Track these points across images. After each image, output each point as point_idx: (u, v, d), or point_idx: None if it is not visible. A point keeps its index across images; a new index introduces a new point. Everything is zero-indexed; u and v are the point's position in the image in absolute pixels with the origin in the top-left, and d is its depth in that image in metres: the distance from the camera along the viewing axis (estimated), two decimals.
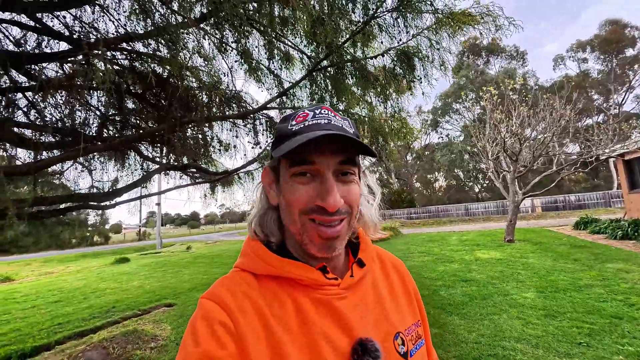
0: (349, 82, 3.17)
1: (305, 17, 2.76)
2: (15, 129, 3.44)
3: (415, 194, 39.08)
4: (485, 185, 36.02)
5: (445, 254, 8.97)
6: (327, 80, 3.22)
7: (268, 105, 3.79)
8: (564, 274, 5.64)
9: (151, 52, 3.48)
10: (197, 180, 4.63)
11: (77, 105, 3.96)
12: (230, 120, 4.15)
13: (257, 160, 4.64)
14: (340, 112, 3.87)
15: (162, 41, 3.16)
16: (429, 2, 3.06)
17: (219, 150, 4.62)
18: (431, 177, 40.23)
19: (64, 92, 3.65)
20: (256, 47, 3.10)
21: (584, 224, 11.86)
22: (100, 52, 2.72)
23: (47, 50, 3.28)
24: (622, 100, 26.40)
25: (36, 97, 3.45)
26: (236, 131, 4.37)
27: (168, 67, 3.37)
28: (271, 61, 2.94)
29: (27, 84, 3.37)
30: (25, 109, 3.65)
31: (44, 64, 3.36)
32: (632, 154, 10.59)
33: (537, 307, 4.11)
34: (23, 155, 4.12)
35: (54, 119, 3.99)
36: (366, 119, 3.37)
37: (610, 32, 25.11)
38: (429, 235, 15.06)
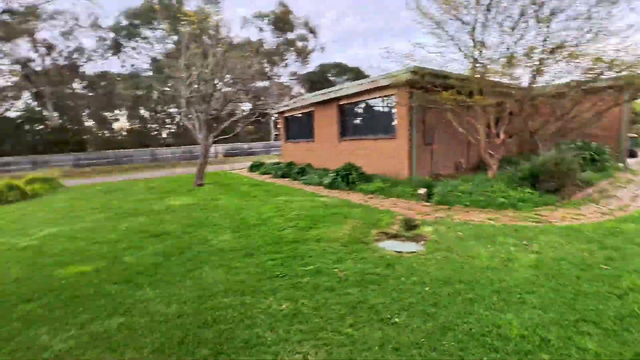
0: None
1: None
2: None
3: (87, 134, 31.82)
4: (172, 131, 35.96)
5: (129, 206, 7.56)
6: None
7: None
8: (250, 210, 6.30)
9: None
10: None
11: None
12: None
13: None
14: None
15: None
16: None
17: None
18: (111, 116, 34.12)
19: None
20: None
21: (256, 167, 14.65)
22: None
23: None
24: (281, 73, 35.54)
25: None
26: None
27: None
28: None
29: None
30: None
31: None
32: (289, 112, 14.06)
33: (236, 249, 4.11)
34: None
35: None
36: None
37: (281, 13, 32.14)
38: (108, 185, 12.54)
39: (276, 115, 17.80)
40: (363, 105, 10.30)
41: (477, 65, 6.79)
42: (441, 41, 7.12)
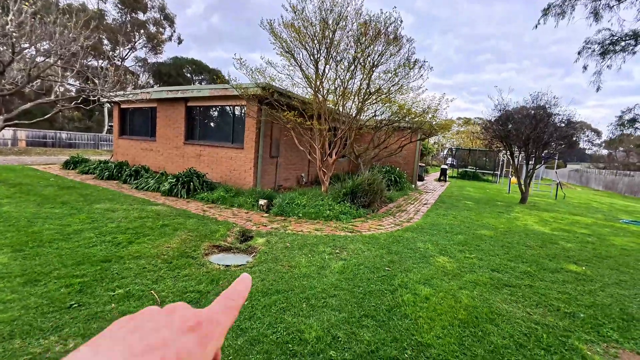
0: None
1: None
2: None
3: None
4: None
5: None
6: None
7: None
8: (51, 221, 4.97)
9: None
10: None
11: None
12: None
13: None
14: None
15: None
16: None
17: None
18: None
19: None
20: None
21: (74, 163, 11.77)
22: None
23: None
24: (125, 56, 29.97)
25: None
26: None
27: None
28: None
29: None
30: None
31: None
32: (127, 103, 12.04)
33: (13, 275, 3.12)
34: None
35: None
36: None
37: None
38: None
39: (111, 105, 14.92)
40: (213, 110, 9.91)
41: (318, 93, 7.66)
42: (290, 65, 7.70)
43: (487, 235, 6.09)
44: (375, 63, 7.43)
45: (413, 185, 13.23)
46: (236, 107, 8.97)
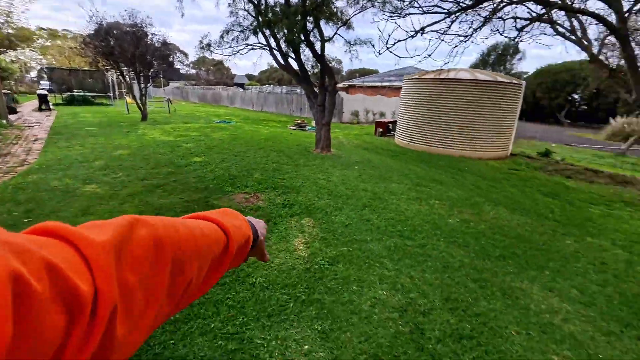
0: None
1: None
2: None
3: None
4: None
5: None
6: None
7: None
8: None
9: None
10: None
11: None
12: None
13: None
14: None
15: None
16: None
17: None
18: None
19: None
20: None
21: None
22: None
23: None
24: None
25: None
26: None
27: None
28: None
29: None
30: None
31: None
32: None
33: None
34: None
35: None
36: None
37: None
38: None
39: None
40: None
41: None
42: None
43: (126, 154, 6.19)
44: None
45: (4, 121, 9.59)
46: None
